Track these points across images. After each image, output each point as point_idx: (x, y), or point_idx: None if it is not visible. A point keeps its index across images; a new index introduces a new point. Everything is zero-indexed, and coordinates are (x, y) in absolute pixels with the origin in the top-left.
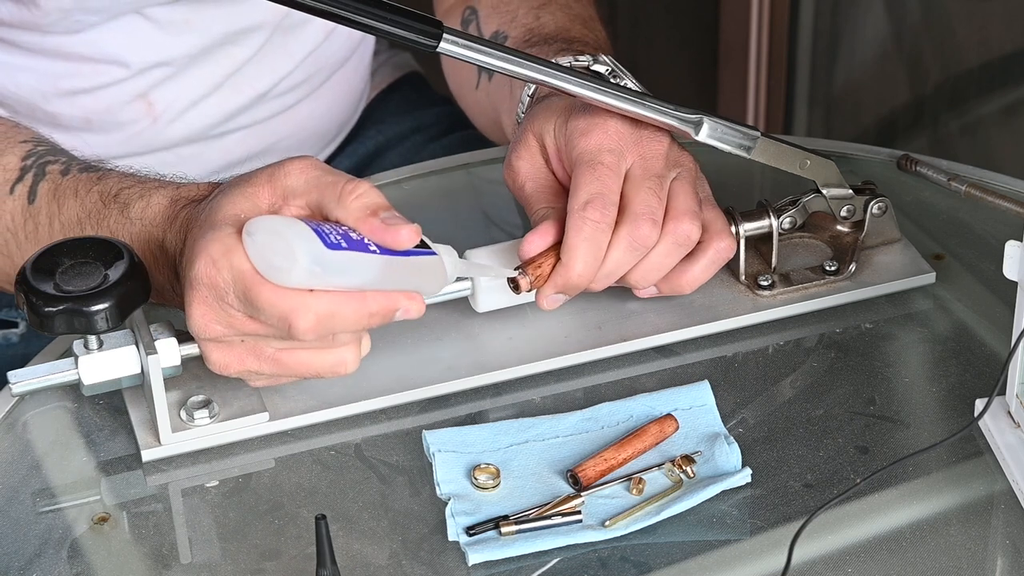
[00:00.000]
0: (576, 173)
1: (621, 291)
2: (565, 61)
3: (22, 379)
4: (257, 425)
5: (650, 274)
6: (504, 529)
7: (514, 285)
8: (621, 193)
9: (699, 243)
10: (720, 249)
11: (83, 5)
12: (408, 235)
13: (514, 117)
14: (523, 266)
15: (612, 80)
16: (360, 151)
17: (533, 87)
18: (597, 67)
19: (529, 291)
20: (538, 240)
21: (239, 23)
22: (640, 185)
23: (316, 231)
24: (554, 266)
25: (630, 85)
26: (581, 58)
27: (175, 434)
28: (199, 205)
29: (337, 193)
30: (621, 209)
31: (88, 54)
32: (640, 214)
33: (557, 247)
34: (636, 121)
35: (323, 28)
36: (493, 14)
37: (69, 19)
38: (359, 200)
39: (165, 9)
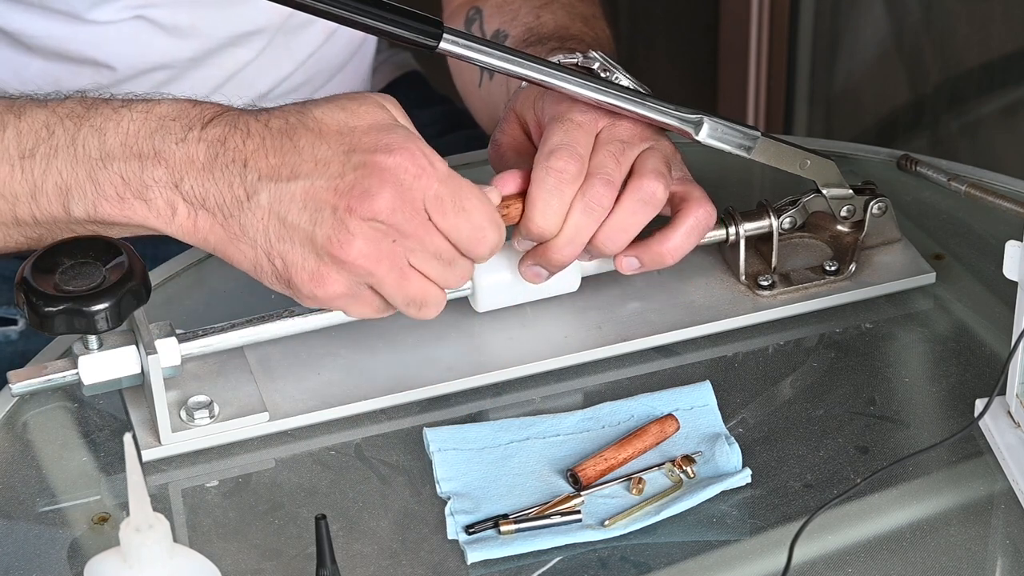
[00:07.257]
0: (546, 130)
1: (621, 291)
2: (555, 59)
3: (22, 379)
4: (257, 425)
5: (616, 234)
6: (503, 528)
7: None
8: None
9: (679, 211)
10: (700, 216)
11: None
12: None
13: None
14: None
15: (602, 75)
16: None
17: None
18: (587, 63)
19: None
20: (508, 180)
21: (244, 26)
22: (601, 148)
23: None
24: (522, 213)
25: (622, 79)
26: (571, 56)
27: (175, 434)
28: (264, 115)
29: None
30: None
31: (91, 56)
32: (593, 174)
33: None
34: None
35: (324, 30)
36: (496, 13)
37: None
38: None
39: (169, 12)
